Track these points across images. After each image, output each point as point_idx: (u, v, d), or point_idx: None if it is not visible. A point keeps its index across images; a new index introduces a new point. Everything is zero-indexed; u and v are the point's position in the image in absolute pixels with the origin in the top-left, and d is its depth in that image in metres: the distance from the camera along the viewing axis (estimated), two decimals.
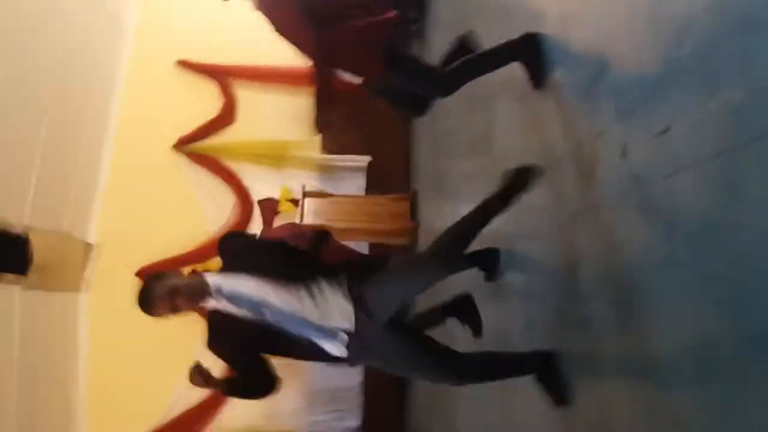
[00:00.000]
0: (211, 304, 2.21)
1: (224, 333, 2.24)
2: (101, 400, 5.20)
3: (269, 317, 2.14)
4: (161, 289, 2.16)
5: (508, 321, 2.76)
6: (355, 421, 5.40)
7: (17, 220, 4.27)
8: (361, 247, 5.59)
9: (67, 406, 5.06)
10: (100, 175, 5.71)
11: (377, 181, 6.16)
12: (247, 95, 6.40)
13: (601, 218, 1.91)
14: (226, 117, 6.29)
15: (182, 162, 6.08)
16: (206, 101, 6.32)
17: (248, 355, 2.26)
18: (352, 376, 5.31)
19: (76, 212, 5.20)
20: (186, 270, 5.43)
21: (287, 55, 6.42)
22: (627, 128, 1.75)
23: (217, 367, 2.45)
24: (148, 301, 2.16)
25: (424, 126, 5.72)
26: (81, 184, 5.31)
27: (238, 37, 6.36)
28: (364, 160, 6.19)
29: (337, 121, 2.67)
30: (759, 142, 1.19)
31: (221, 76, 6.37)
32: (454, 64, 2.63)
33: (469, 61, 2.63)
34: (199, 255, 5.37)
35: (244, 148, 6.15)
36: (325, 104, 2.61)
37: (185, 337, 5.51)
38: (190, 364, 2.38)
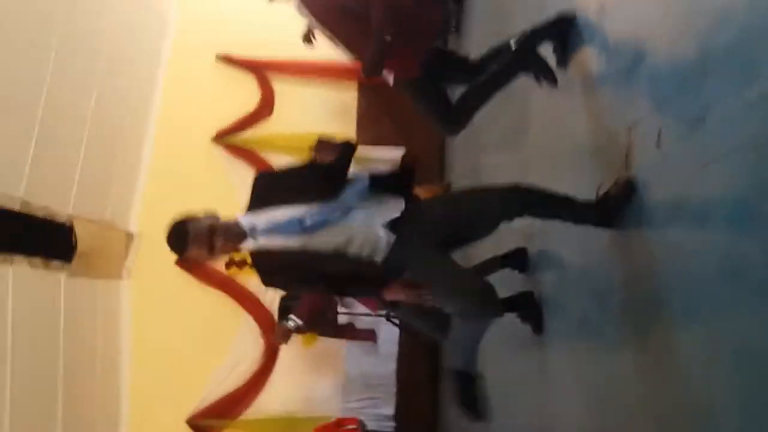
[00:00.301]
0: (249, 245, 2.11)
1: (273, 269, 2.14)
2: (143, 384, 5.37)
3: (310, 222, 2.03)
4: (199, 227, 2.03)
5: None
6: (389, 409, 5.46)
7: (62, 209, 4.42)
8: None
9: (111, 390, 5.24)
10: (142, 166, 5.86)
11: None
12: (284, 89, 6.48)
13: (636, 209, 1.90)
14: (263, 110, 6.38)
15: (221, 154, 6.20)
16: (245, 95, 6.42)
17: (305, 280, 2.17)
18: (387, 364, 5.37)
19: (119, 202, 5.36)
20: (223, 262, 5.55)
21: (324, 50, 6.51)
22: (663, 117, 1.74)
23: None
24: (182, 240, 2.03)
25: None
26: (123, 175, 5.47)
27: (276, 31, 6.43)
28: (398, 151, 6.21)
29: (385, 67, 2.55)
30: None
31: (260, 70, 6.47)
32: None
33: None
34: None
35: (280, 140, 6.23)
36: (380, 50, 2.49)
37: (223, 323, 5.68)
38: (229, 347, 2.48)
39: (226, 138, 6.29)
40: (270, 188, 2.19)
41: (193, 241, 2.02)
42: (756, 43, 1.33)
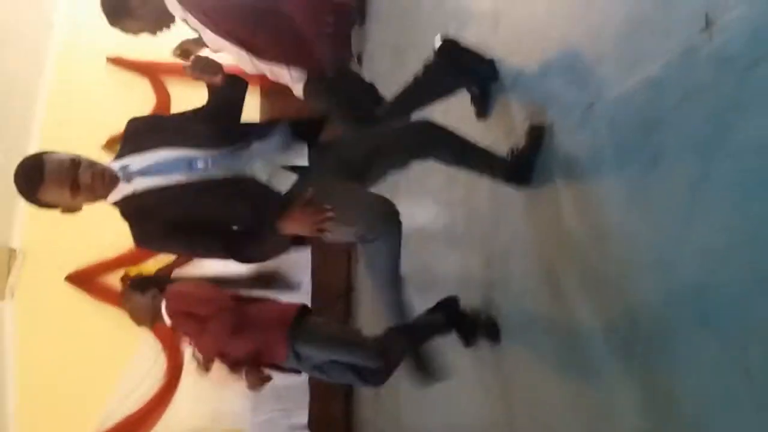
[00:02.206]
0: (122, 190, 1.71)
1: (150, 215, 1.70)
2: (32, 411, 4.96)
3: (202, 165, 1.70)
4: (58, 159, 1.64)
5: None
6: (302, 419, 5.34)
7: None
8: None
9: None
10: None
11: None
12: (181, 92, 6.23)
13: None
14: (159, 114, 6.11)
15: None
16: (139, 99, 6.12)
17: (190, 227, 1.71)
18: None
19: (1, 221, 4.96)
20: (118, 273, 5.21)
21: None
22: (555, 110, 1.79)
23: None
24: (37, 174, 1.61)
25: None
26: (3, 186, 5.04)
27: (169, 32, 6.19)
28: None
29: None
30: (680, 107, 1.22)
31: (154, 72, 6.18)
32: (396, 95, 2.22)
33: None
34: (131, 258, 5.16)
35: None
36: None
37: (121, 341, 5.34)
38: (129, 366, 2.24)
39: (117, 145, 5.95)
40: (147, 131, 1.82)
41: (52, 174, 1.61)
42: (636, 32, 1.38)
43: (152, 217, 1.70)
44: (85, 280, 5.09)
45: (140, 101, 6.11)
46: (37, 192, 1.63)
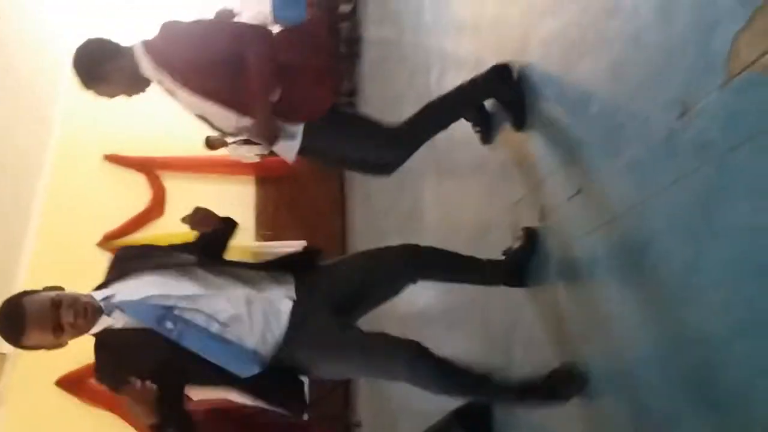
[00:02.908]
0: (102, 323, 1.64)
1: (120, 356, 1.62)
2: None
3: (170, 328, 1.62)
4: (39, 301, 1.59)
5: None
6: None
7: None
8: None
9: None
10: (18, 276, 5.39)
11: None
12: (176, 186, 6.30)
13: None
14: (155, 210, 6.14)
15: (107, 259, 5.83)
16: (135, 195, 6.18)
17: (166, 375, 1.59)
18: None
19: None
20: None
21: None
22: (543, 194, 1.78)
23: None
24: (18, 320, 1.56)
25: (357, 206, 5.73)
26: None
27: (164, 129, 6.35)
28: (298, 245, 6.10)
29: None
30: (665, 193, 1.21)
31: (149, 168, 6.28)
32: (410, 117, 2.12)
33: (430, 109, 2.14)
34: None
35: (174, 240, 5.96)
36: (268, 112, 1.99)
37: None
38: None
39: (113, 242, 5.94)
40: (134, 257, 1.80)
41: (33, 320, 1.56)
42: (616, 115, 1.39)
43: (118, 356, 1.64)
44: (75, 383, 4.94)
45: (136, 196, 6.18)
46: (20, 340, 1.59)
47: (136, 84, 2.10)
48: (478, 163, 2.38)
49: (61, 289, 1.66)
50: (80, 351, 4.98)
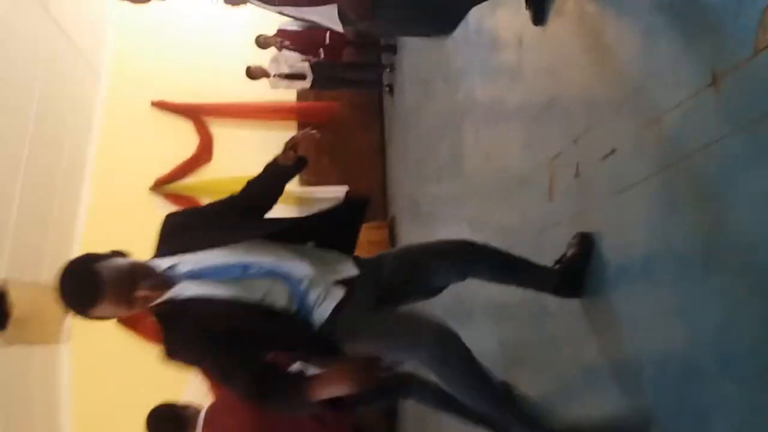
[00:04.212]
0: (172, 294, 1.56)
1: (196, 322, 1.54)
2: None
3: (256, 270, 1.59)
4: (116, 270, 1.49)
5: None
6: None
7: None
8: None
9: None
10: (78, 221, 5.69)
11: None
12: (222, 133, 6.46)
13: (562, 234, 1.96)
14: (202, 155, 6.34)
15: (161, 203, 6.10)
16: (183, 141, 6.37)
17: (240, 344, 1.56)
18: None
19: (55, 261, 5.17)
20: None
21: (260, 92, 6.50)
22: (579, 150, 1.82)
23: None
24: (93, 289, 1.45)
25: (397, 153, 5.80)
26: (59, 232, 5.29)
27: (209, 74, 6.46)
28: (341, 190, 6.24)
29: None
30: (691, 160, 1.26)
31: (196, 114, 6.44)
32: None
33: None
34: None
35: (222, 185, 6.16)
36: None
37: (170, 380, 5.48)
38: None
39: (164, 186, 6.19)
40: (182, 230, 1.71)
41: (111, 291, 1.46)
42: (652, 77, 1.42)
43: (192, 327, 1.55)
44: (135, 320, 5.26)
45: (184, 142, 6.37)
46: (90, 310, 1.49)
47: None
48: (518, 109, 2.42)
49: (126, 255, 1.58)
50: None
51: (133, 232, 5.79)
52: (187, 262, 1.60)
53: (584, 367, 1.76)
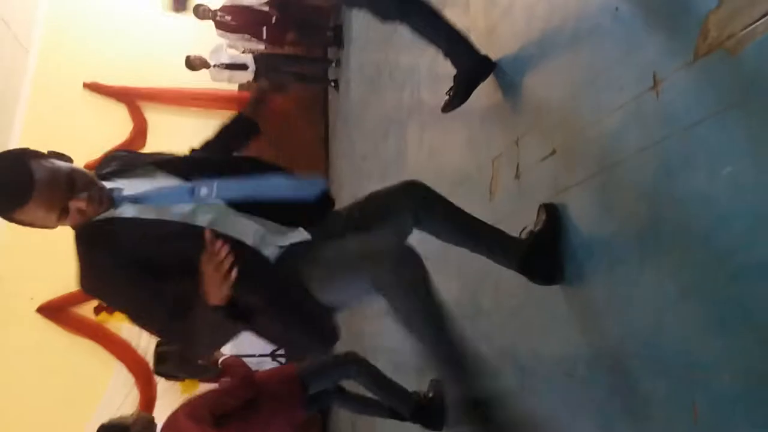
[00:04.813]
0: (112, 214, 1.41)
1: (114, 241, 1.37)
2: None
3: (206, 192, 1.42)
4: (51, 173, 1.32)
5: None
6: None
7: None
8: None
9: None
10: None
11: None
12: (158, 118, 6.25)
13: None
14: (136, 141, 6.11)
15: None
16: (116, 125, 6.13)
17: (152, 272, 1.37)
18: None
19: None
20: (92, 304, 5.10)
21: (196, 78, 6.32)
22: (520, 151, 1.84)
23: None
24: (23, 184, 1.28)
25: (341, 148, 5.76)
26: None
27: (147, 59, 6.23)
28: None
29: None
30: (628, 162, 1.28)
31: (131, 98, 6.21)
32: None
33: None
34: None
35: None
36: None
37: (93, 374, 5.26)
38: (100, 400, 2.15)
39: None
40: (135, 158, 1.58)
41: (42, 191, 1.29)
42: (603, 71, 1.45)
43: (109, 247, 1.38)
44: (57, 310, 5.03)
45: (117, 127, 6.12)
46: (17, 210, 1.31)
47: None
48: (462, 110, 2.42)
49: (70, 160, 1.41)
50: (61, 281, 5.06)
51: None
52: (131, 186, 1.44)
53: (520, 365, 1.78)
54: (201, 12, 5.64)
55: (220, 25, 5.58)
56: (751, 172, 0.97)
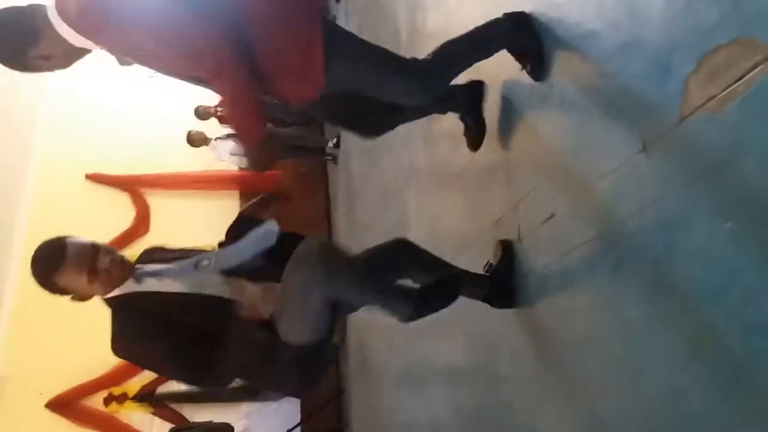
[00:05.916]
0: (126, 288, 1.73)
1: (144, 310, 1.70)
2: None
3: (207, 262, 1.76)
4: (80, 243, 1.67)
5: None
6: None
7: None
8: None
9: None
10: (5, 300, 5.38)
11: None
12: (160, 204, 6.33)
13: None
14: (139, 228, 6.17)
15: None
16: (119, 213, 6.20)
17: (185, 333, 1.69)
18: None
19: None
20: (101, 395, 5.02)
21: (195, 161, 6.43)
22: (520, 215, 1.86)
23: None
24: (58, 256, 1.63)
25: (344, 220, 5.79)
26: None
27: (145, 146, 6.38)
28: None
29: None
30: (626, 223, 1.30)
31: (132, 186, 6.31)
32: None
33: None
34: (113, 378, 5.04)
35: None
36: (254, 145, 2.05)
37: None
38: None
39: None
40: (154, 252, 1.94)
41: (72, 257, 1.63)
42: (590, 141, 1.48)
43: (138, 315, 1.70)
44: (66, 404, 4.94)
45: (121, 215, 6.18)
46: (54, 275, 1.64)
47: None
48: (461, 175, 2.46)
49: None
50: (70, 374, 5.02)
51: (63, 310, 5.53)
52: (151, 266, 1.78)
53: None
54: (202, 112, 5.86)
55: (224, 120, 5.74)
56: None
